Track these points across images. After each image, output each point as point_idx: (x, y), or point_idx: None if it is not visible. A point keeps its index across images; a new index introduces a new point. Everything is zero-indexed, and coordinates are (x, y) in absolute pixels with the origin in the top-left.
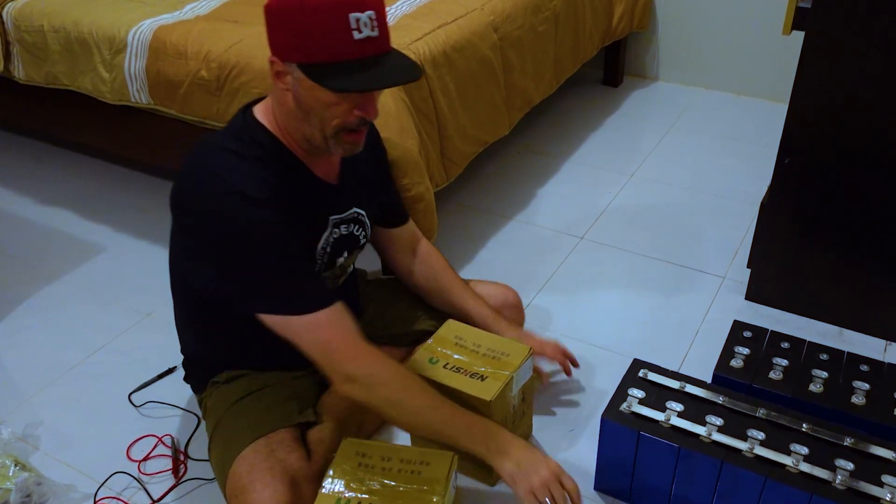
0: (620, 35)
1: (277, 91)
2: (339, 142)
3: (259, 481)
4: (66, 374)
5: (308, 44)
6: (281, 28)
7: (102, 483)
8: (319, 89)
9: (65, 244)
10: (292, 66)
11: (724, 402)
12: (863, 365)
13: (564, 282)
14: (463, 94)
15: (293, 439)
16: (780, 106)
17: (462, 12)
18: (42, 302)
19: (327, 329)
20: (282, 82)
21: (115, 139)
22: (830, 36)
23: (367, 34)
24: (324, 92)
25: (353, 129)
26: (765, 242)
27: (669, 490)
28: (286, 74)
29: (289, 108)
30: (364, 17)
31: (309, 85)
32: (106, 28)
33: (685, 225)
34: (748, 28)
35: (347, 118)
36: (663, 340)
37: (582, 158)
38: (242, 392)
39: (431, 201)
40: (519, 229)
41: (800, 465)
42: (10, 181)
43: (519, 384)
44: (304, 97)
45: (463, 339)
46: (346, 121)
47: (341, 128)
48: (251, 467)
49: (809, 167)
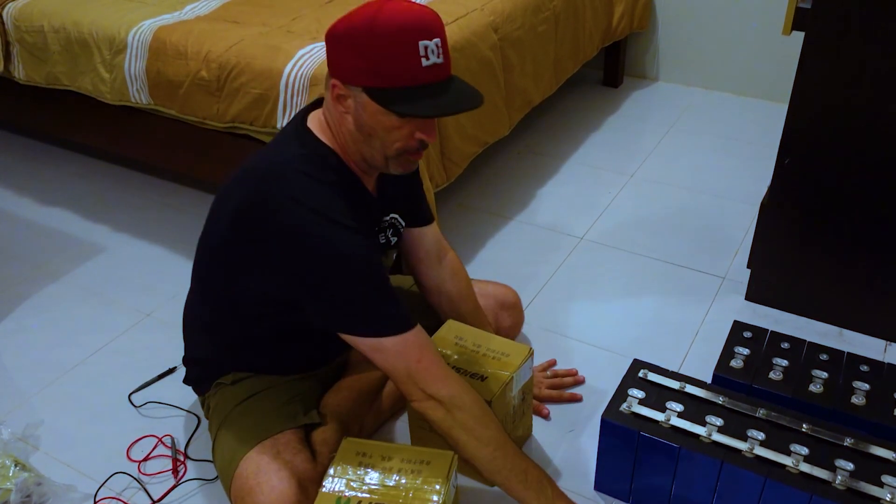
0: (620, 35)
1: (336, 113)
2: (399, 163)
3: (266, 483)
4: (66, 374)
5: (377, 69)
6: (347, 52)
7: (102, 483)
8: (384, 114)
9: (65, 244)
10: (356, 90)
11: (724, 402)
12: (863, 365)
13: (564, 282)
14: None
15: (298, 441)
16: (780, 106)
17: (462, 12)
18: (42, 302)
19: (415, 349)
20: (342, 105)
21: (115, 139)
22: (830, 36)
23: (434, 61)
24: (388, 116)
25: (413, 151)
26: (765, 242)
27: (669, 490)
28: (347, 98)
29: (348, 130)
30: (432, 44)
31: (374, 109)
32: (106, 28)
33: (685, 225)
34: (748, 28)
35: (409, 142)
36: (663, 340)
37: (582, 159)
38: (247, 393)
39: (431, 201)
40: (519, 229)
41: (800, 465)
42: (10, 181)
43: (519, 384)
44: (367, 121)
45: (463, 339)
46: (408, 144)
47: (402, 150)
48: (258, 469)
49: (809, 167)
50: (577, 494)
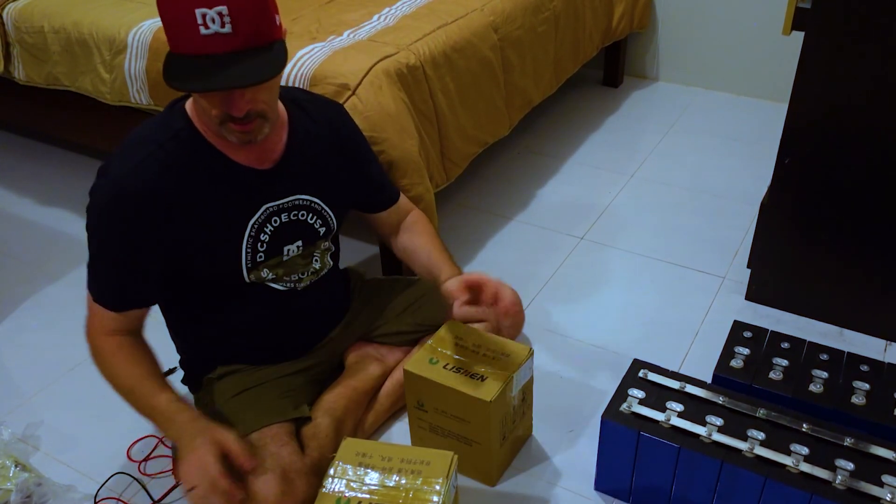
0: (620, 35)
1: None
2: (229, 131)
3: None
4: (66, 374)
5: (168, 32)
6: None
7: (103, 483)
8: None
9: (65, 244)
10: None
11: (724, 402)
12: (863, 365)
13: (564, 282)
14: (463, 95)
15: (286, 433)
16: (780, 106)
17: (462, 13)
18: (42, 302)
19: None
20: None
21: (116, 140)
22: (830, 36)
23: (216, 30)
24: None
25: (235, 120)
26: (765, 242)
27: (669, 490)
28: None
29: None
30: (212, 12)
31: None
32: (106, 29)
33: (685, 225)
34: (748, 28)
35: (219, 111)
36: (663, 340)
37: (582, 158)
38: (236, 389)
39: (431, 202)
40: (519, 229)
41: (800, 465)
42: (10, 181)
43: (519, 384)
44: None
45: (463, 339)
46: (221, 113)
47: (222, 119)
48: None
49: (809, 167)
50: (578, 494)
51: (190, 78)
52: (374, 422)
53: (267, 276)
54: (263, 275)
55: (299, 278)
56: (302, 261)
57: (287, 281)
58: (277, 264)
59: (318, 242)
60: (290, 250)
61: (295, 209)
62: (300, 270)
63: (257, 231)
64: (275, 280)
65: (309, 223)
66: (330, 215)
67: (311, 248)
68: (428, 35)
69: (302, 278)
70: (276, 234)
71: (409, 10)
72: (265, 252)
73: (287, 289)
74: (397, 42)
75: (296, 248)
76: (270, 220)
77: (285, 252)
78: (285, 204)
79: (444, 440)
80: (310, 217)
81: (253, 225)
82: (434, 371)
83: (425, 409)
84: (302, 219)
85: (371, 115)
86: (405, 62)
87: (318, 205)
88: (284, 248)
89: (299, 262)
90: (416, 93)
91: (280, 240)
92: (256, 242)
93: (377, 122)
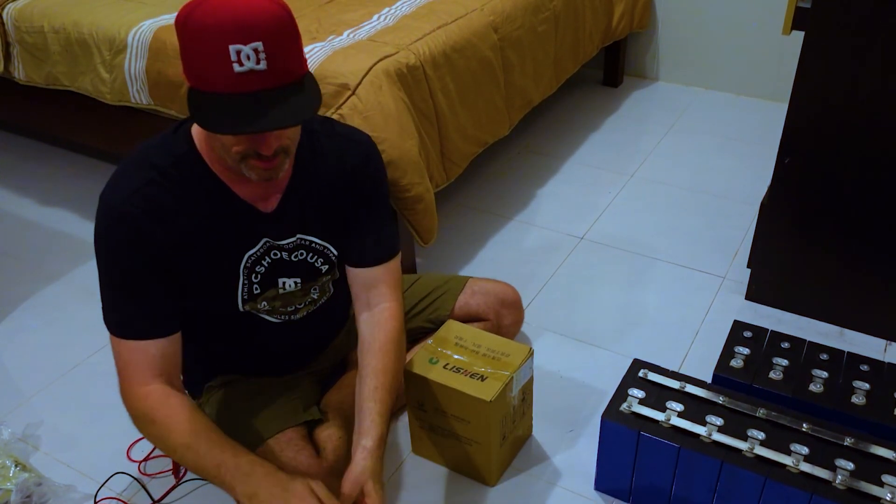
0: (620, 35)
1: None
2: (250, 168)
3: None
4: (66, 374)
5: (191, 69)
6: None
7: (103, 483)
8: None
9: (65, 244)
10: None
11: (724, 402)
12: (863, 365)
13: (564, 282)
14: (463, 95)
15: (301, 438)
16: (780, 106)
17: (462, 13)
18: (42, 302)
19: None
20: None
21: (116, 140)
22: (830, 36)
23: (251, 67)
24: None
25: (259, 157)
26: (765, 242)
27: (669, 490)
28: None
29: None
30: (247, 49)
31: None
32: (106, 29)
33: (685, 225)
34: (748, 28)
35: (246, 148)
36: (663, 340)
37: (582, 159)
38: (241, 397)
39: (431, 201)
40: (519, 229)
41: (800, 465)
42: (11, 181)
43: (519, 384)
44: None
45: (463, 339)
46: (247, 149)
47: (244, 155)
48: None
49: (809, 167)
50: (578, 494)
51: (225, 121)
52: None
53: (263, 307)
54: (260, 306)
55: (295, 309)
56: (300, 293)
57: (282, 313)
58: (273, 297)
59: (318, 279)
60: (286, 284)
61: (296, 249)
62: (297, 302)
63: (253, 263)
64: (270, 312)
65: (310, 262)
66: (333, 253)
67: (310, 283)
68: (428, 35)
69: (298, 308)
70: (273, 267)
71: (409, 10)
72: (259, 284)
73: (281, 321)
74: (397, 42)
75: (293, 283)
76: (269, 253)
77: (280, 284)
78: (287, 244)
79: (444, 440)
80: (310, 256)
81: (250, 257)
82: (434, 371)
83: (425, 409)
84: (302, 258)
85: (371, 115)
86: (405, 62)
87: (320, 245)
88: (279, 281)
89: (297, 294)
90: (416, 92)
91: (276, 272)
92: (251, 274)
93: (377, 121)
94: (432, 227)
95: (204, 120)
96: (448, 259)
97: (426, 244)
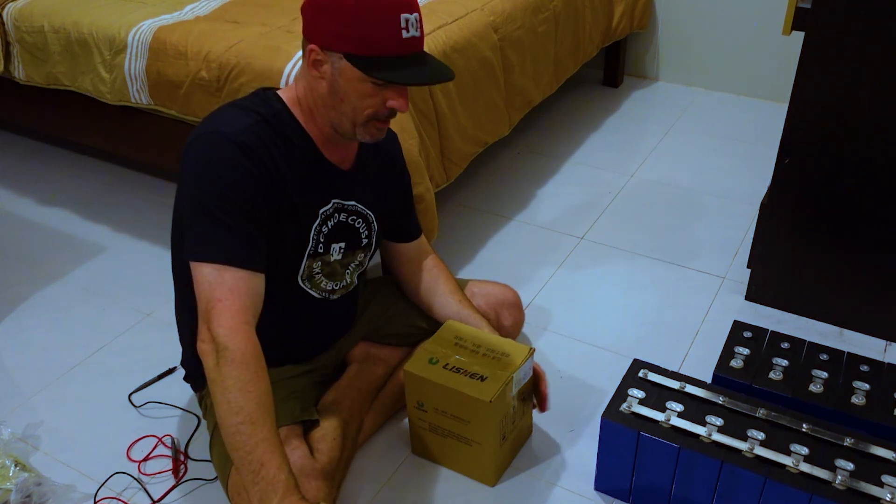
0: (620, 35)
1: (310, 78)
2: (368, 130)
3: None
4: (66, 374)
5: (360, 37)
6: (330, 19)
7: (102, 483)
8: (361, 80)
9: (65, 244)
10: (335, 56)
11: (724, 402)
12: (863, 365)
13: (564, 282)
14: (463, 95)
15: (296, 436)
16: (780, 106)
17: (462, 13)
18: (42, 302)
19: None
20: (318, 70)
21: (115, 139)
22: (830, 36)
23: (413, 34)
24: (364, 83)
25: (383, 118)
26: (765, 242)
27: (669, 490)
28: (324, 63)
29: (320, 95)
30: (412, 18)
31: (352, 75)
32: (106, 29)
33: (685, 225)
34: (748, 28)
35: (380, 109)
36: (663, 340)
37: (582, 158)
38: None
39: (431, 201)
40: (519, 229)
41: (800, 465)
42: (10, 181)
43: (519, 385)
44: (343, 86)
45: (463, 339)
46: (379, 111)
47: (373, 117)
48: None
49: (809, 167)
50: (578, 494)
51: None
52: (375, 421)
53: (316, 270)
54: (315, 270)
55: (333, 289)
56: (340, 269)
57: (323, 290)
58: (327, 263)
59: (356, 253)
60: (335, 249)
61: (353, 214)
62: (337, 280)
63: (323, 221)
64: (315, 286)
65: (358, 230)
66: (374, 230)
67: (349, 256)
68: (428, 35)
69: (335, 290)
70: (332, 229)
71: None
72: (323, 244)
73: (321, 297)
74: None
75: (339, 248)
76: (333, 215)
77: (332, 251)
78: (348, 206)
79: (444, 440)
80: (360, 225)
81: (322, 214)
82: (434, 371)
83: (425, 409)
84: (353, 224)
85: None
86: None
87: (371, 216)
88: (332, 246)
89: (338, 269)
90: (415, 92)
91: (333, 236)
92: (320, 233)
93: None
94: (432, 227)
95: (387, 76)
96: (448, 259)
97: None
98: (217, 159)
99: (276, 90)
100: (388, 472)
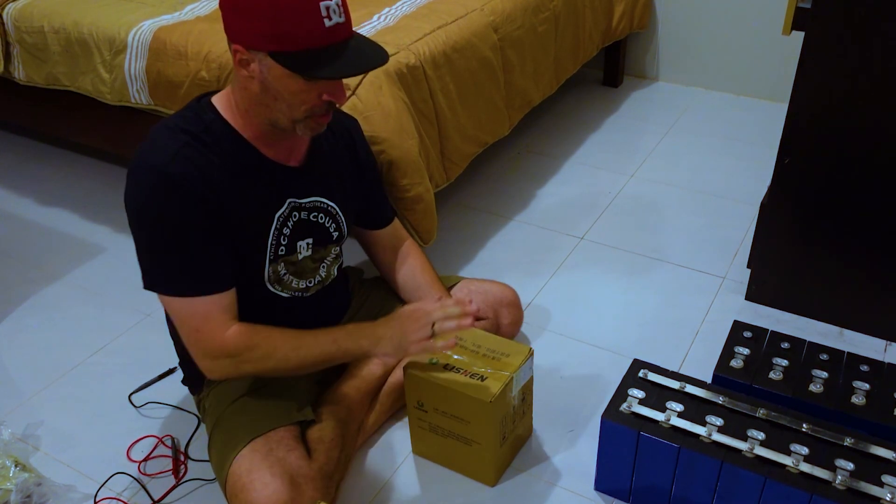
0: (620, 35)
1: (241, 78)
2: (308, 125)
3: (258, 480)
4: (66, 374)
5: (279, 33)
6: (248, 17)
7: (103, 483)
8: (289, 77)
9: (65, 244)
10: (260, 54)
11: (724, 402)
12: (863, 365)
13: (564, 282)
14: (463, 95)
15: (292, 438)
16: (780, 106)
17: (462, 13)
18: (42, 302)
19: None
20: (247, 70)
21: (115, 140)
22: (830, 36)
23: (336, 21)
24: (294, 80)
25: (322, 112)
26: (765, 242)
27: (669, 490)
28: (251, 62)
29: (253, 94)
30: (333, 4)
31: (279, 73)
32: (106, 29)
33: (685, 225)
34: (748, 28)
35: (316, 104)
36: (663, 340)
37: (582, 158)
38: (240, 391)
39: (431, 202)
40: (519, 229)
41: (800, 465)
42: (10, 181)
43: (519, 385)
44: (273, 84)
45: (463, 339)
46: (315, 106)
47: (310, 113)
48: (250, 467)
49: (809, 167)
50: (577, 494)
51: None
52: (375, 421)
53: (283, 272)
54: (281, 273)
55: (307, 286)
56: (312, 265)
57: (294, 289)
58: (292, 263)
59: (329, 247)
60: (301, 247)
61: (314, 210)
62: (308, 277)
63: (281, 224)
64: (285, 287)
65: (323, 225)
66: (342, 221)
67: (321, 251)
68: (428, 35)
69: (309, 287)
70: (294, 230)
71: (409, 10)
72: (286, 246)
73: (290, 296)
74: (397, 42)
75: (306, 245)
76: (292, 215)
77: (298, 249)
78: (306, 203)
79: (444, 440)
80: (326, 220)
81: (278, 218)
82: (434, 371)
83: (425, 409)
84: (318, 221)
85: (371, 115)
86: (405, 62)
87: (334, 209)
88: (297, 244)
89: (309, 266)
90: (415, 93)
91: (296, 236)
92: (280, 236)
93: (377, 121)
94: (432, 228)
95: (312, 72)
96: (448, 259)
97: (426, 244)
98: (151, 198)
99: (210, 97)
100: (388, 472)
